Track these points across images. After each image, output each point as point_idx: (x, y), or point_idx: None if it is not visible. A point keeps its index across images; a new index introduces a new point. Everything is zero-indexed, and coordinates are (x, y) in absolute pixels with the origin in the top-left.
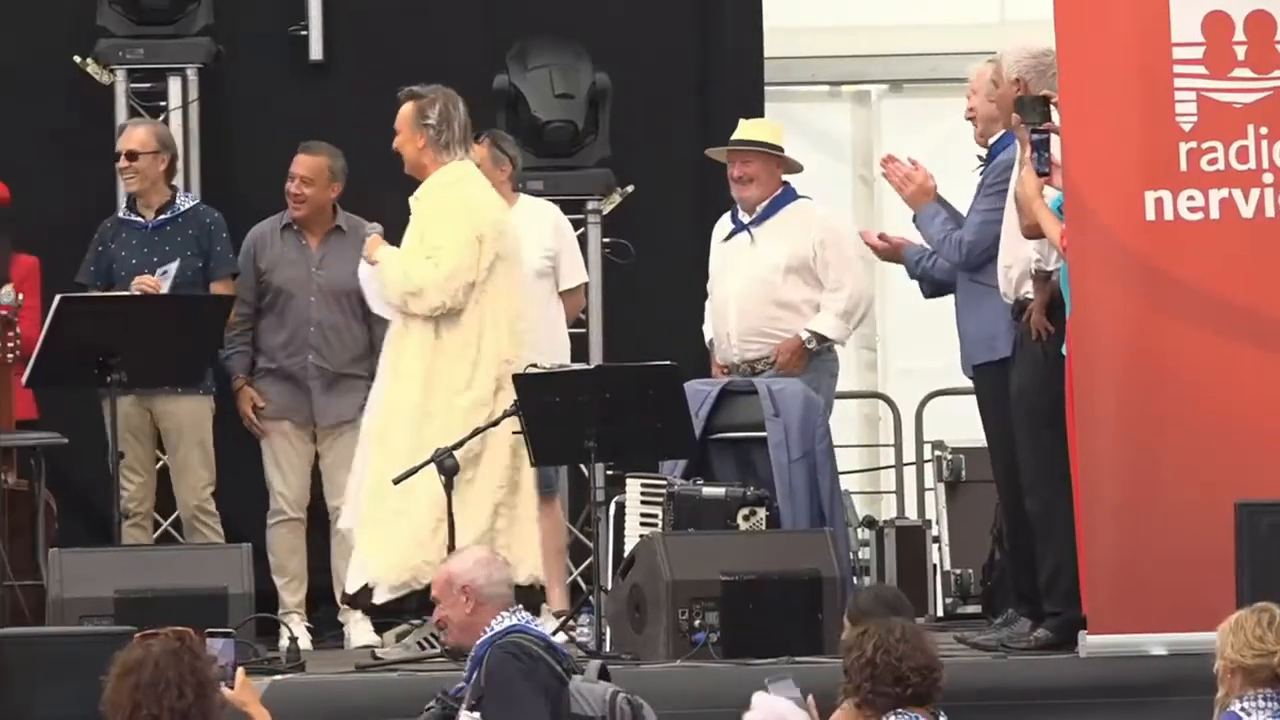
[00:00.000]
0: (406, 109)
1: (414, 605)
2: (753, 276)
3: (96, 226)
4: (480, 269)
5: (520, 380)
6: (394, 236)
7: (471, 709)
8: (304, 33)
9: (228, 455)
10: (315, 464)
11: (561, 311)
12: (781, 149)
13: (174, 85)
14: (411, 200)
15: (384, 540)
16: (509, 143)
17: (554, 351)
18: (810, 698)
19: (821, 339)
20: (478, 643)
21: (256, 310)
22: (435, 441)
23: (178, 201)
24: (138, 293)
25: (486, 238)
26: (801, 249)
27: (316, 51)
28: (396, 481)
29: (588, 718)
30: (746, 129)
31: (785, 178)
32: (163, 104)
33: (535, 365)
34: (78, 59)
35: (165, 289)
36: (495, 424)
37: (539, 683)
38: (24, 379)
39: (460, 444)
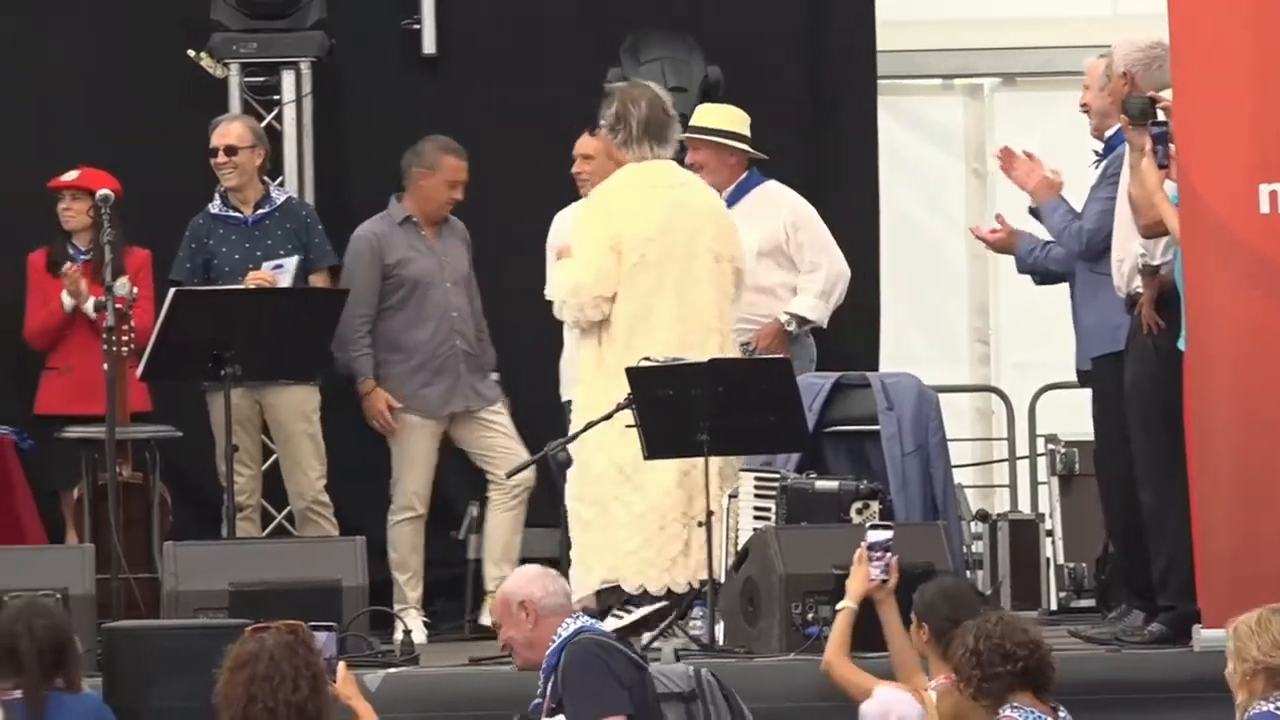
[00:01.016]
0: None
1: (613, 602)
2: None
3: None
4: (619, 278)
5: (634, 374)
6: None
7: (553, 713)
8: (416, 26)
9: (338, 447)
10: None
11: None
12: (735, 135)
13: (287, 79)
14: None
15: (586, 542)
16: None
17: None
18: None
19: (802, 321)
20: (547, 653)
21: (379, 310)
22: None
23: (272, 195)
24: (251, 287)
25: (625, 244)
26: (773, 232)
27: (429, 45)
28: (509, 475)
29: (675, 693)
30: (698, 115)
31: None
32: (275, 98)
33: (649, 359)
34: (191, 53)
35: (286, 282)
36: (608, 417)
37: (618, 671)
38: (138, 372)
39: (573, 438)
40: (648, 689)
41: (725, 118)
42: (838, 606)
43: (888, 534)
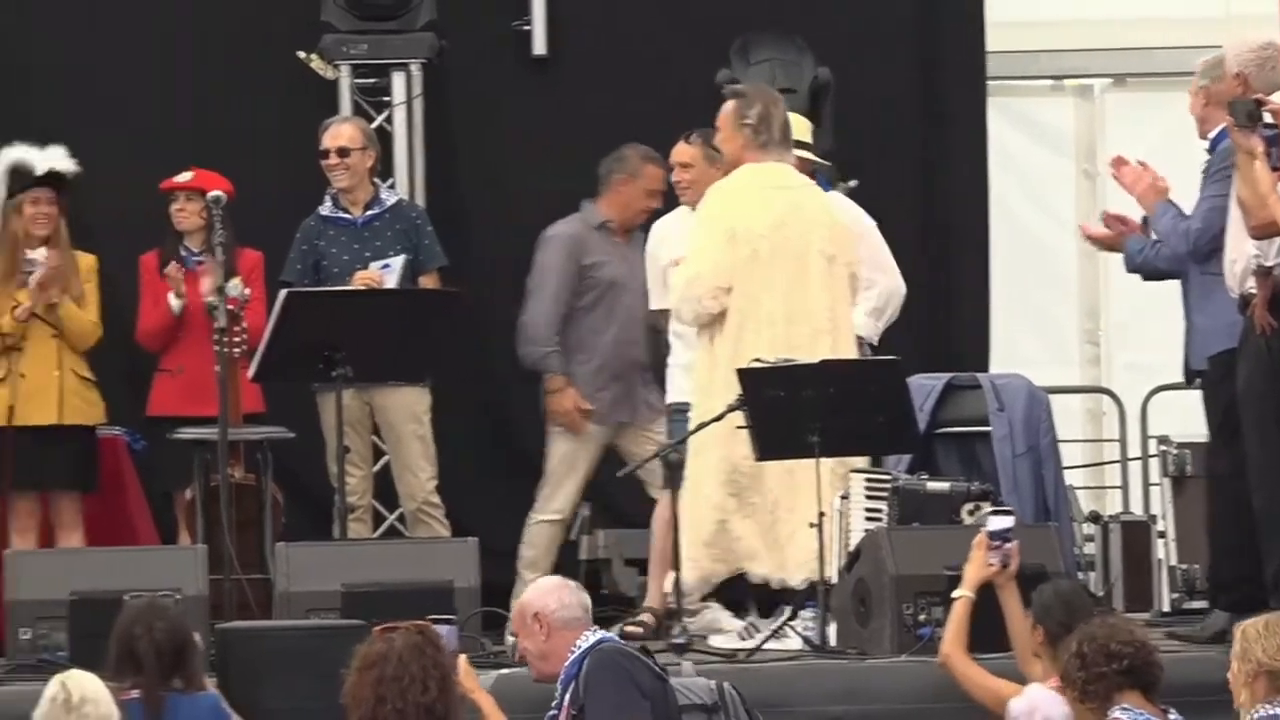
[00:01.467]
0: (726, 107)
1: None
2: None
3: None
4: (734, 272)
5: (745, 375)
6: None
7: None
8: (527, 27)
9: (449, 449)
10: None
11: None
12: (797, 143)
13: (398, 81)
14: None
15: (698, 540)
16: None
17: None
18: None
19: (860, 341)
20: (566, 664)
21: (570, 310)
22: None
23: (382, 197)
24: (362, 287)
25: (740, 238)
26: None
27: (540, 46)
28: (620, 476)
29: (698, 705)
30: None
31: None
32: (386, 99)
33: (760, 360)
34: (302, 54)
35: (392, 283)
36: (719, 418)
37: (639, 680)
38: (250, 373)
39: (684, 440)
40: (669, 700)
41: (794, 126)
42: (954, 595)
43: (1008, 521)
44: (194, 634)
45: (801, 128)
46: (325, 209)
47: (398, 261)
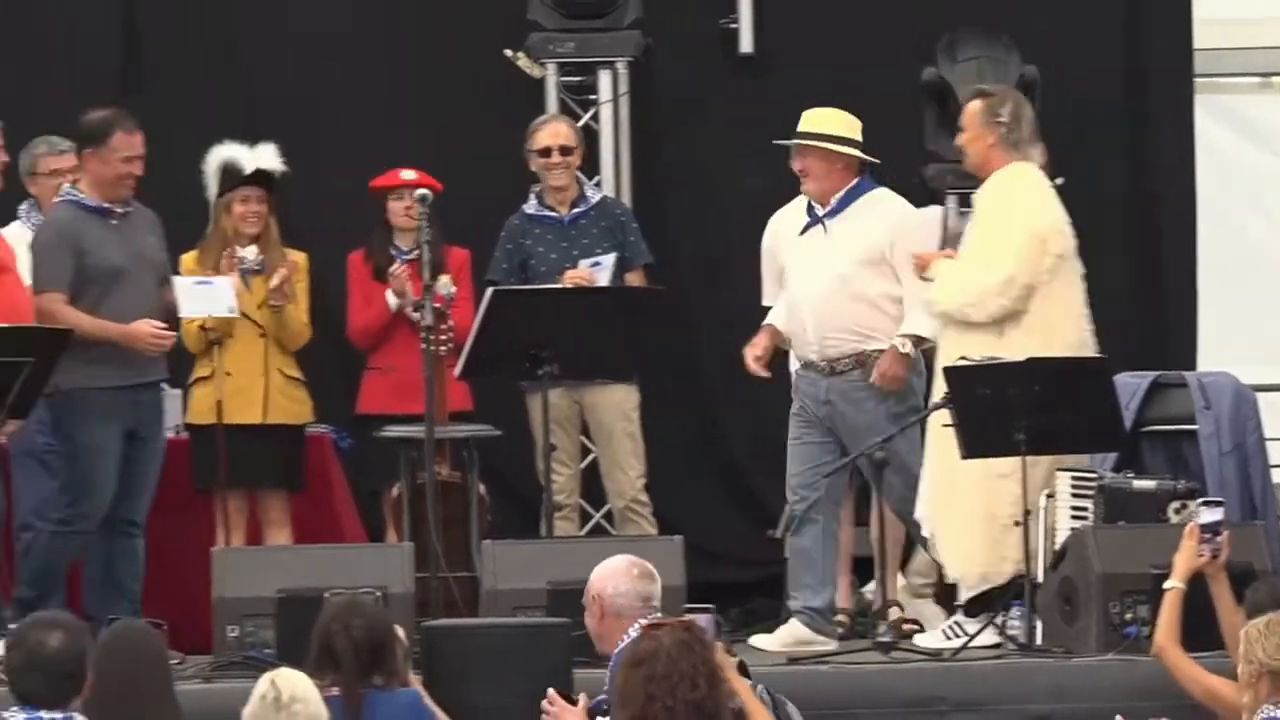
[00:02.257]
0: (975, 106)
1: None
2: (829, 271)
3: None
4: (1042, 271)
5: (951, 372)
6: None
7: (604, 712)
8: (734, 25)
9: (657, 446)
10: None
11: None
12: (843, 139)
13: (604, 79)
14: (974, 198)
15: (960, 540)
16: None
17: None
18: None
19: (919, 340)
20: (616, 651)
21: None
22: None
23: (588, 194)
24: (569, 286)
25: (1048, 238)
26: (877, 241)
27: (746, 44)
28: (826, 476)
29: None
30: (805, 120)
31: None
32: (592, 97)
33: (965, 358)
34: (508, 53)
35: (603, 280)
36: (924, 417)
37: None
38: (456, 371)
39: (889, 439)
40: None
41: (833, 122)
42: (1165, 586)
43: (1219, 513)
44: (396, 630)
45: (845, 124)
46: (530, 207)
47: (609, 259)
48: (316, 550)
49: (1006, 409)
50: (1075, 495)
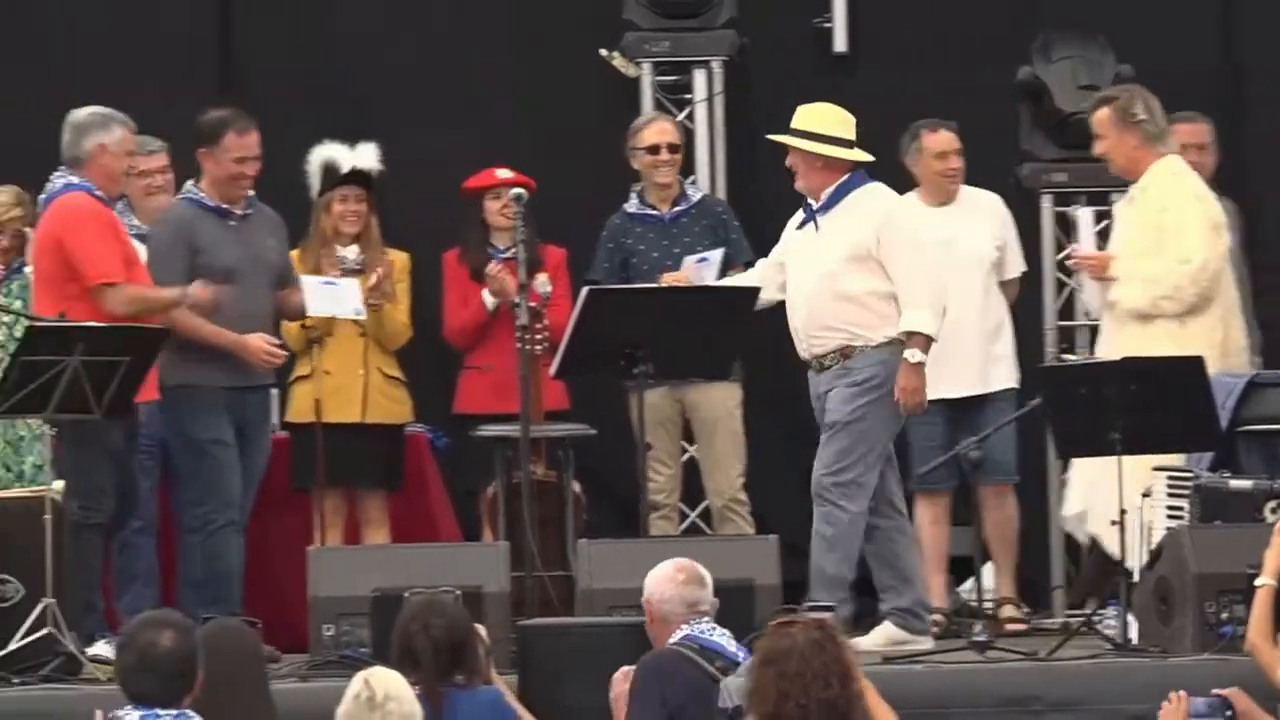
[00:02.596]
0: (1104, 113)
1: None
2: (818, 269)
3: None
4: (1222, 257)
5: (1046, 372)
6: None
7: None
8: (828, 25)
9: (751, 445)
10: None
11: (1003, 302)
12: (823, 137)
13: (699, 78)
14: (1133, 194)
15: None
16: None
17: (999, 340)
18: None
19: (927, 341)
20: None
21: None
22: None
23: (688, 193)
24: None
25: (1219, 226)
26: (864, 238)
27: (840, 43)
28: (920, 477)
29: (726, 709)
30: (795, 117)
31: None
32: (687, 97)
33: (1062, 358)
34: (604, 52)
35: (711, 276)
36: (1018, 416)
37: (667, 694)
38: (552, 370)
39: (985, 437)
40: (713, 702)
41: (818, 119)
42: (1256, 583)
43: None
44: (476, 629)
45: (839, 122)
46: (632, 206)
47: (716, 254)
48: (412, 549)
49: (1102, 409)
50: (1171, 495)
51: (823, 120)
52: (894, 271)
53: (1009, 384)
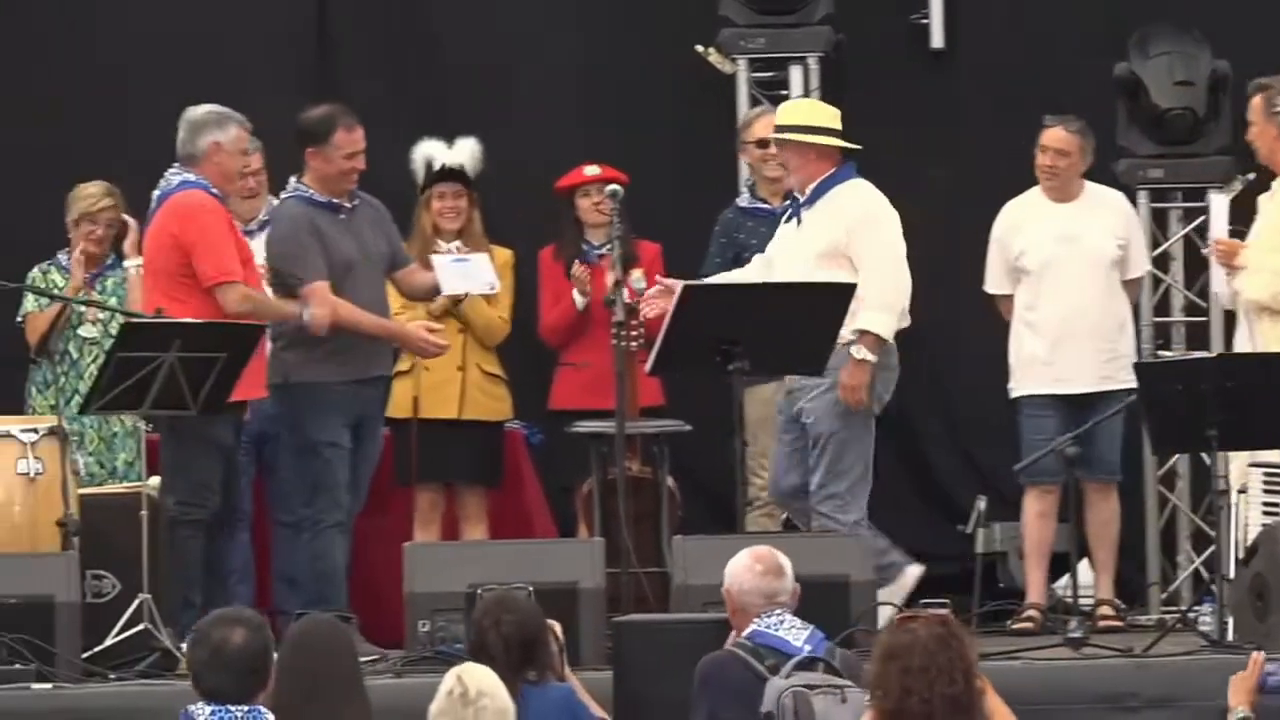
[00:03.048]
0: (1257, 101)
1: None
2: (795, 264)
3: (715, 214)
4: None
5: (1142, 368)
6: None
7: None
8: (925, 21)
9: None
10: None
11: (1126, 301)
12: (814, 129)
13: (795, 74)
14: (1275, 188)
15: None
16: (1091, 133)
17: (1121, 338)
18: None
19: (878, 341)
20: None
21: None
22: None
23: None
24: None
25: None
26: (837, 235)
27: (937, 39)
28: (1017, 472)
29: (762, 713)
30: (779, 114)
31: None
32: (783, 93)
33: (1158, 355)
34: (699, 48)
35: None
36: (1112, 414)
37: (712, 690)
38: (647, 366)
39: (1079, 434)
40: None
41: (804, 113)
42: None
43: None
44: (548, 625)
45: (829, 115)
46: (743, 200)
47: None
48: (507, 546)
49: (1199, 405)
50: (1267, 490)
51: (810, 114)
52: (861, 269)
53: (1128, 384)
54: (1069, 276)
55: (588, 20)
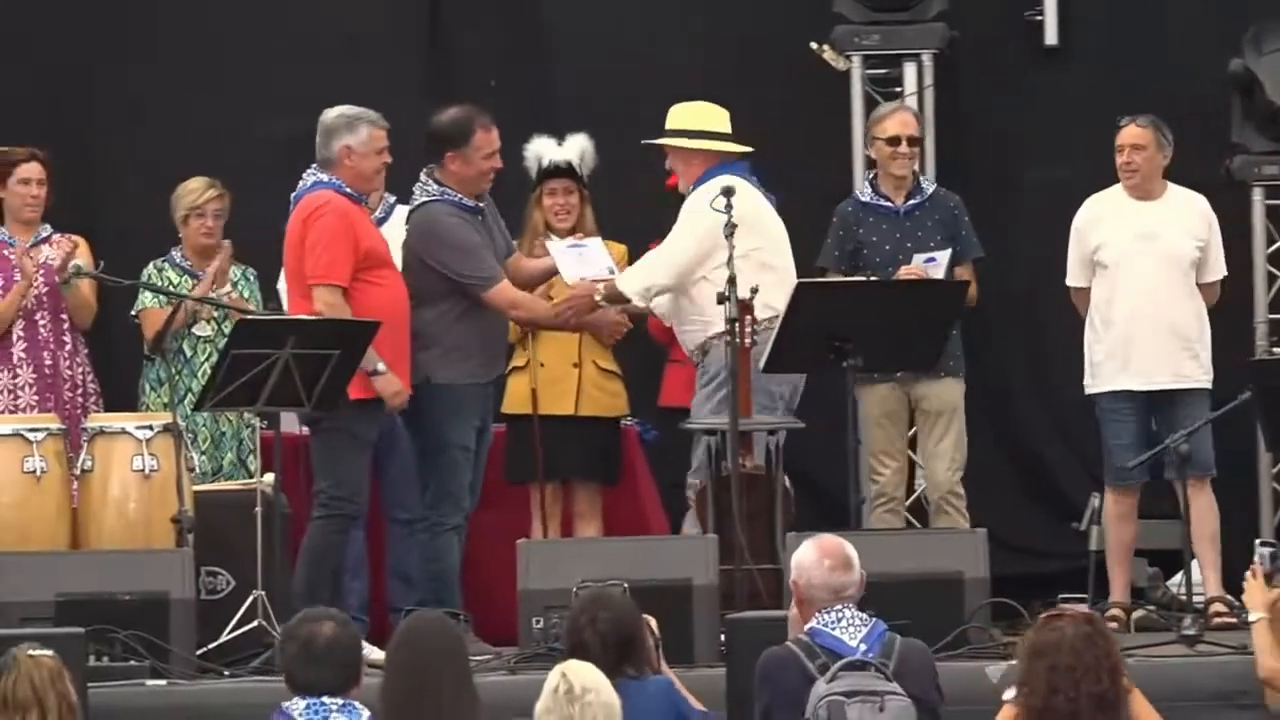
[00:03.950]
0: None
1: None
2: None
3: (829, 210)
4: None
5: (1255, 365)
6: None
7: None
8: (1039, 17)
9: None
10: None
11: (1202, 301)
12: (708, 133)
13: (909, 71)
14: None
15: None
16: (1167, 128)
17: (1198, 338)
18: None
19: (620, 296)
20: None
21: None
22: None
23: (922, 185)
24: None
25: None
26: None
27: (1051, 36)
28: (1131, 468)
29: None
30: (670, 119)
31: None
32: (897, 90)
33: (1272, 352)
34: (814, 45)
35: (939, 275)
36: (1224, 413)
37: (769, 688)
38: (761, 364)
39: (1193, 431)
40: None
41: (691, 116)
42: (1250, 619)
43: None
44: (645, 621)
45: (716, 118)
46: (865, 195)
47: (944, 254)
48: (620, 542)
49: None
50: None
51: (696, 117)
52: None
53: (1202, 383)
54: (1145, 274)
55: (703, 17)
